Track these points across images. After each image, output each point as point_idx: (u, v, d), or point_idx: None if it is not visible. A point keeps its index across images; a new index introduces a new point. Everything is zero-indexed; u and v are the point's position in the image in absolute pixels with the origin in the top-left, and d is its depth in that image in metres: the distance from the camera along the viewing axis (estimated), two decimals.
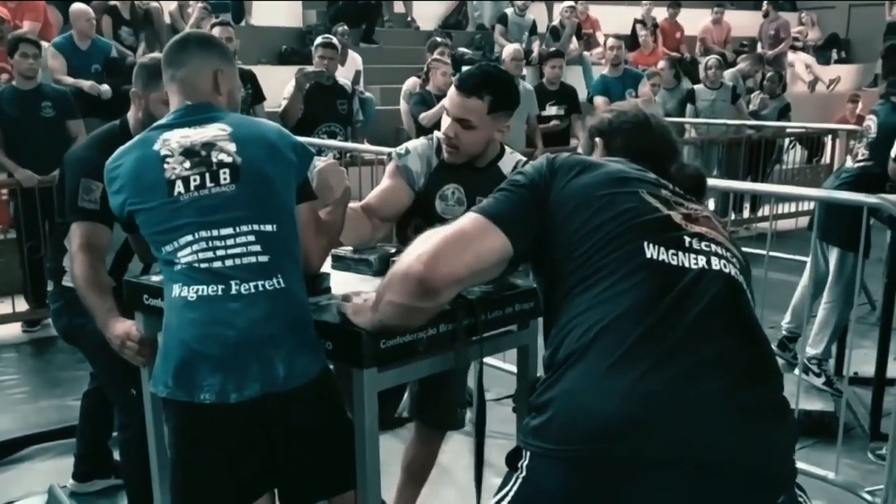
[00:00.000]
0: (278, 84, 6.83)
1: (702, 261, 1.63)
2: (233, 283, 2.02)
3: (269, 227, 2.08)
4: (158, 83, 2.45)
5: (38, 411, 4.45)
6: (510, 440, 1.73)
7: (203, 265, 2.03)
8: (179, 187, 2.06)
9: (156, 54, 2.61)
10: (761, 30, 13.19)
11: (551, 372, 1.60)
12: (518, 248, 1.71)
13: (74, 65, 6.94)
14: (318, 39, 6.81)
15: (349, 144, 6.47)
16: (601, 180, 1.72)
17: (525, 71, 8.89)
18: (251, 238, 2.06)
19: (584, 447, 1.48)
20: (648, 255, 1.61)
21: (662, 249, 1.62)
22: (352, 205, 2.72)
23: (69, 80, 6.85)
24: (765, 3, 13.14)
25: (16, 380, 4.95)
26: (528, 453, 1.56)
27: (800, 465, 1.61)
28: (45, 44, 6.80)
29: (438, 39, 8.35)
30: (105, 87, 6.95)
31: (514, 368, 2.51)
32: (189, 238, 2.04)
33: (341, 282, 2.41)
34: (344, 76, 7.29)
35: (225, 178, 2.08)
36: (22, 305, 5.79)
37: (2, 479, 3.77)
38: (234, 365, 2.01)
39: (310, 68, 6.60)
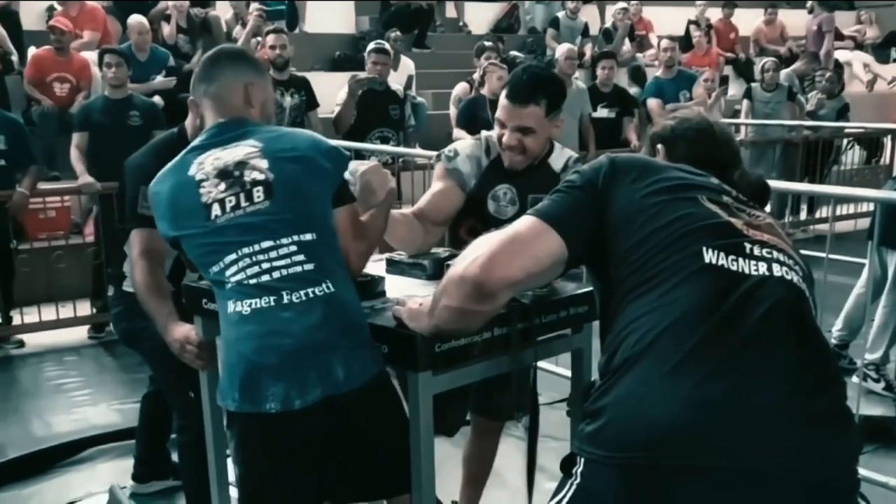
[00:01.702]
0: (332, 90, 6.89)
1: (763, 267, 1.60)
2: (283, 293, 2.06)
3: (308, 237, 2.10)
4: None
5: (99, 414, 4.55)
6: (563, 444, 1.73)
7: (252, 281, 2.06)
8: (216, 210, 2.11)
9: None
10: (808, 28, 12.95)
11: (606, 378, 1.58)
12: (573, 250, 1.70)
13: (134, 73, 7.08)
14: (371, 45, 6.86)
15: (401, 149, 6.51)
16: (660, 186, 1.69)
17: (577, 73, 8.87)
18: (293, 248, 2.08)
19: (639, 454, 1.46)
20: (707, 260, 1.59)
21: (722, 255, 1.59)
22: (404, 210, 2.73)
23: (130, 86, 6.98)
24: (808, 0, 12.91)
25: (78, 382, 5.05)
26: (583, 460, 1.55)
27: (861, 471, 1.57)
28: None
29: (487, 44, 8.35)
30: (157, 98, 7.07)
31: (568, 372, 2.51)
32: (233, 256, 2.08)
33: (396, 286, 2.43)
34: (396, 81, 7.33)
35: (259, 196, 2.10)
36: (83, 310, 5.91)
37: (64, 480, 3.85)
38: (294, 372, 2.04)
39: (362, 75, 6.65)
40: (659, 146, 1.96)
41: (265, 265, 2.06)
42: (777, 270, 1.61)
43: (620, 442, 1.49)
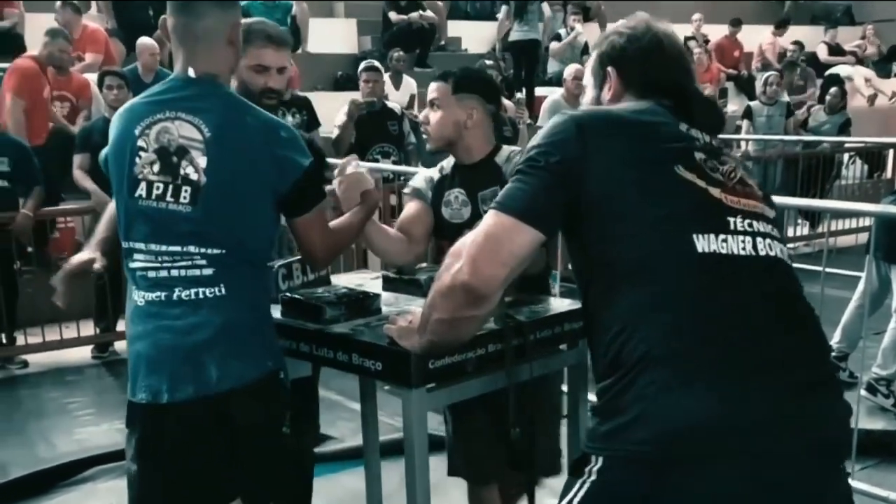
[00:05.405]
0: (334, 110, 6.93)
1: (748, 244, 1.63)
2: (176, 289, 2.10)
3: (216, 251, 2.10)
4: (247, 49, 2.52)
5: (102, 434, 4.54)
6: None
7: (150, 274, 2.11)
8: (142, 190, 2.12)
9: (246, 20, 2.46)
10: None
11: (619, 375, 1.57)
12: (549, 232, 1.70)
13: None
14: (362, 65, 6.95)
15: (402, 168, 6.53)
16: (634, 154, 1.66)
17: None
18: (197, 257, 2.10)
19: (663, 448, 1.49)
20: (700, 249, 1.59)
21: (712, 237, 1.61)
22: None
23: None
24: None
25: (80, 402, 5.06)
26: (601, 458, 1.56)
27: (862, 485, 1.63)
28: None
29: (488, 62, 8.39)
30: None
31: (564, 388, 2.51)
32: (141, 246, 2.12)
33: (391, 303, 2.44)
34: (398, 100, 7.38)
35: (185, 198, 2.09)
36: (87, 330, 5.93)
37: (65, 500, 3.85)
38: (168, 367, 2.09)
39: (361, 99, 6.72)
40: (609, 68, 1.87)
41: (166, 264, 2.10)
42: (761, 247, 1.64)
43: (643, 436, 1.51)
